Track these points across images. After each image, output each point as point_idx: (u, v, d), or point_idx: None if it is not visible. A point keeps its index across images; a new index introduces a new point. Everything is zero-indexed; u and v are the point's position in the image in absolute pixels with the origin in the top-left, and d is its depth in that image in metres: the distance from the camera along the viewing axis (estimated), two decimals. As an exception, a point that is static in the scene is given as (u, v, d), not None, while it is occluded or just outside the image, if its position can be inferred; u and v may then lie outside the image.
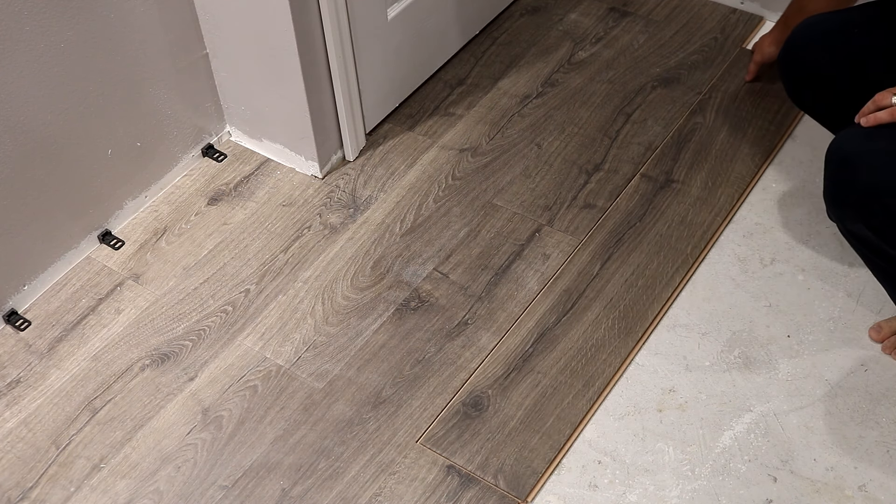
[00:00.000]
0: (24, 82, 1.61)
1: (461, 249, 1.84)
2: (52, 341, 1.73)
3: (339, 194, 1.95)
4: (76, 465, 1.57)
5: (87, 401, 1.65)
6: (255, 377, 1.66)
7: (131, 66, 1.79)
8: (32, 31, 1.59)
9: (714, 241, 1.82)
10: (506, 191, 1.94)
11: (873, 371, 1.61)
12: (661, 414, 1.59)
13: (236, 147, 2.06)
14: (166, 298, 1.79)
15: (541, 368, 1.65)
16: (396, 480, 1.53)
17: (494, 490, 1.51)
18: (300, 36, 1.76)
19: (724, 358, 1.65)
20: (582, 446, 1.55)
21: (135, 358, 1.70)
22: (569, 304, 1.74)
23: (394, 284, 1.79)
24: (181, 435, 1.59)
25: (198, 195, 1.97)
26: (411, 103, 2.13)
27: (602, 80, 2.15)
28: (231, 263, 1.84)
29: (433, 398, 1.62)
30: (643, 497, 1.49)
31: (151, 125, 1.89)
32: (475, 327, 1.72)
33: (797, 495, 1.48)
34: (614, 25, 2.28)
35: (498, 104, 2.12)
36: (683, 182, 1.93)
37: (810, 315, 1.70)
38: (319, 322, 1.74)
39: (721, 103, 2.08)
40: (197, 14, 1.85)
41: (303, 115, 1.88)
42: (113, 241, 1.88)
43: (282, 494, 1.52)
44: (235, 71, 1.92)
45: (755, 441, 1.54)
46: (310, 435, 1.59)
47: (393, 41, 2.00)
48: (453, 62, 2.22)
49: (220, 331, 1.73)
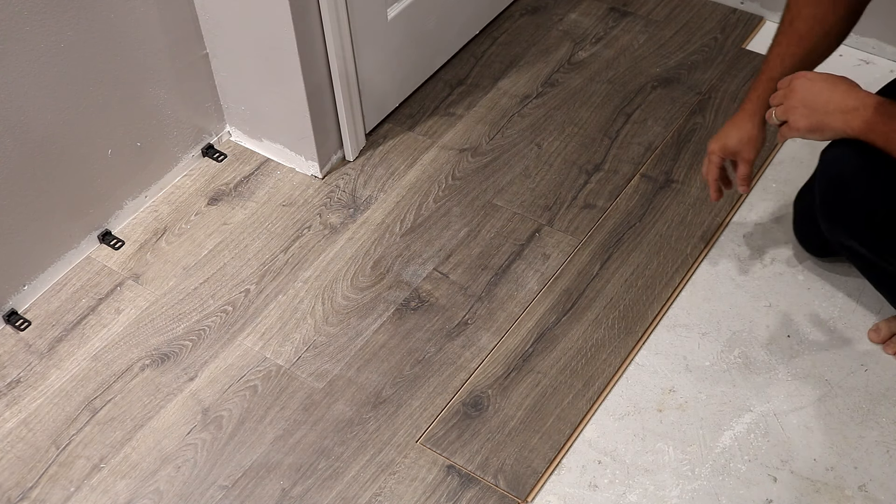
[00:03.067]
0: (24, 82, 1.61)
1: (461, 249, 1.84)
2: (52, 341, 1.73)
3: (339, 194, 1.95)
4: (76, 465, 1.57)
5: (87, 401, 1.65)
6: (255, 377, 1.66)
7: (131, 66, 1.79)
8: (32, 31, 1.59)
9: (714, 241, 1.82)
10: (506, 191, 1.94)
11: (873, 371, 1.61)
12: (661, 414, 1.59)
13: (236, 147, 2.06)
14: (166, 298, 1.79)
15: (541, 368, 1.65)
16: (396, 480, 1.53)
17: (494, 490, 1.51)
18: (300, 36, 1.76)
19: (724, 358, 1.65)
20: (582, 446, 1.55)
21: (135, 358, 1.70)
22: (569, 304, 1.74)
23: (394, 284, 1.79)
24: (181, 435, 1.59)
25: (198, 195, 1.97)
26: (411, 103, 2.13)
27: (602, 80, 2.15)
28: (231, 263, 1.84)
29: (433, 398, 1.62)
30: (643, 497, 1.49)
31: (151, 125, 1.89)
32: (475, 327, 1.72)
33: (797, 495, 1.48)
34: (614, 25, 2.28)
35: (498, 104, 2.12)
36: (683, 182, 1.93)
37: (810, 315, 1.70)
38: (319, 322, 1.74)
39: (721, 103, 2.08)
40: (197, 14, 1.85)
41: (303, 115, 1.88)
42: (113, 241, 1.88)
43: (282, 494, 1.52)
44: (235, 71, 1.92)
45: (755, 441, 1.54)
46: (310, 435, 1.59)
47: (393, 41, 2.00)
48: (453, 62, 2.22)
49: (220, 331, 1.73)
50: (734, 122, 1.64)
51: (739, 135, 1.63)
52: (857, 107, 1.40)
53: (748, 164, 1.64)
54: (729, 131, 1.64)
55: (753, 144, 1.62)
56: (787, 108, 1.47)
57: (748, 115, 1.62)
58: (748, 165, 1.64)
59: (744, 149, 1.63)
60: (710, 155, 1.67)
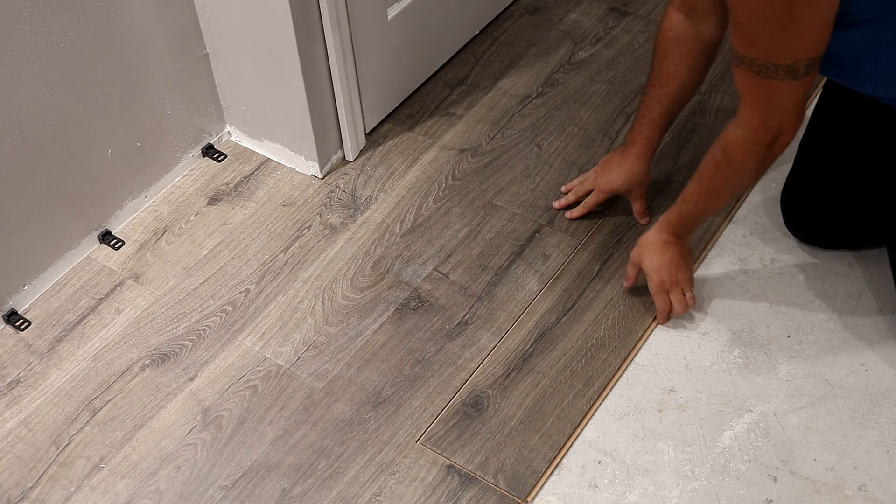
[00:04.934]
0: (24, 82, 1.61)
1: (461, 249, 1.84)
2: (52, 341, 1.73)
3: (339, 194, 1.95)
4: (76, 465, 1.57)
5: (87, 401, 1.65)
6: (255, 377, 1.66)
7: (131, 66, 1.79)
8: (32, 31, 1.59)
9: (714, 241, 1.82)
10: (506, 191, 1.94)
11: (873, 371, 1.61)
12: (661, 414, 1.59)
13: (236, 147, 2.06)
14: (166, 298, 1.79)
15: (541, 368, 1.65)
16: (396, 480, 1.53)
17: (494, 490, 1.51)
18: (300, 36, 1.76)
19: (724, 358, 1.65)
20: (582, 446, 1.55)
21: (135, 358, 1.70)
22: (569, 304, 1.74)
23: (394, 284, 1.79)
24: (181, 435, 1.59)
25: (198, 195, 1.97)
26: (411, 103, 2.13)
27: (602, 80, 2.15)
28: (231, 263, 1.84)
29: (433, 398, 1.62)
30: (643, 497, 1.49)
31: (151, 125, 1.89)
32: (475, 327, 1.72)
33: (797, 495, 1.48)
34: (614, 25, 2.28)
35: (498, 104, 2.12)
36: (683, 182, 1.91)
37: (810, 315, 1.70)
38: (319, 322, 1.74)
39: (721, 103, 2.08)
40: (197, 14, 1.85)
41: (303, 115, 1.88)
42: (113, 241, 1.88)
43: (282, 494, 1.52)
44: (235, 71, 1.92)
45: (755, 441, 1.54)
46: (310, 435, 1.59)
47: (393, 41, 2.00)
48: (453, 62, 2.22)
49: (220, 331, 1.73)
50: (620, 163, 1.79)
51: (628, 176, 1.79)
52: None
53: (643, 199, 1.83)
54: (617, 172, 1.79)
55: (643, 183, 1.81)
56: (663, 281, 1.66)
57: (635, 156, 1.77)
58: (643, 201, 1.83)
59: (635, 188, 1.81)
60: (598, 193, 1.82)
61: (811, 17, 1.29)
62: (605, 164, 1.82)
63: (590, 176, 1.86)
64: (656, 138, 1.76)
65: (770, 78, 1.35)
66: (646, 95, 1.73)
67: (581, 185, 1.86)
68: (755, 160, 1.48)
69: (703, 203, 1.59)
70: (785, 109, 1.40)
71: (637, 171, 1.78)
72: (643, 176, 1.79)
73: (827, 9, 1.29)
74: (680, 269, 1.65)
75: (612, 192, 1.82)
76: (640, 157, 1.77)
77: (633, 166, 1.78)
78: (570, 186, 1.89)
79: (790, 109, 1.41)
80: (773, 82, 1.36)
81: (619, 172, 1.79)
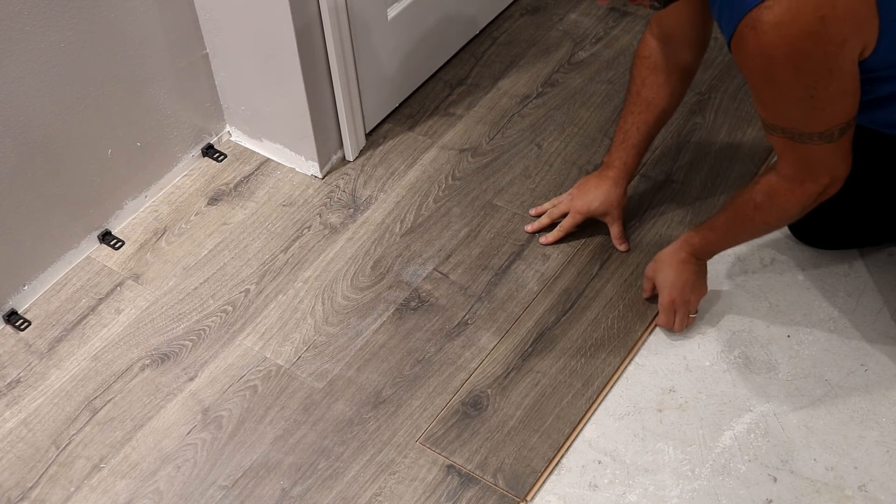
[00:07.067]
0: (24, 82, 1.61)
1: (461, 249, 1.84)
2: (52, 341, 1.73)
3: (339, 194, 1.95)
4: (76, 465, 1.57)
5: (87, 401, 1.65)
6: (255, 377, 1.66)
7: (131, 66, 1.79)
8: (32, 31, 1.59)
9: (714, 241, 1.82)
10: (506, 191, 1.94)
11: (873, 371, 1.61)
12: (661, 414, 1.59)
13: (236, 147, 2.06)
14: (166, 298, 1.79)
15: (540, 368, 1.65)
16: (396, 480, 1.53)
17: (494, 489, 1.51)
18: (300, 36, 1.76)
19: (724, 358, 1.65)
20: (582, 446, 1.55)
21: (135, 358, 1.70)
22: (568, 303, 1.74)
23: (394, 284, 1.79)
24: (181, 435, 1.59)
25: (198, 195, 1.97)
26: (411, 103, 2.13)
27: (602, 80, 2.15)
28: (231, 263, 1.84)
29: (433, 398, 1.62)
30: (643, 497, 1.49)
31: (151, 125, 1.89)
32: (475, 327, 1.72)
33: (797, 495, 1.48)
34: (614, 25, 2.28)
35: (498, 104, 2.12)
36: (683, 182, 1.93)
37: (810, 315, 1.70)
38: (319, 322, 1.74)
39: (721, 103, 2.08)
40: (197, 14, 1.85)
41: (303, 115, 1.88)
42: (113, 241, 1.88)
43: (282, 494, 1.52)
44: (235, 71, 1.92)
45: (755, 441, 1.54)
46: (310, 435, 1.59)
47: (393, 41, 2.00)
48: (453, 62, 2.22)
49: (220, 331, 1.73)
50: (597, 185, 1.77)
51: (605, 197, 1.77)
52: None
53: (620, 222, 1.79)
54: (594, 194, 1.77)
55: (620, 205, 1.78)
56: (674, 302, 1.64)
57: (612, 180, 1.76)
58: (620, 224, 1.80)
59: (612, 212, 1.78)
60: (575, 215, 1.79)
61: (835, 92, 1.29)
62: (581, 186, 1.80)
63: (563, 199, 1.83)
64: (635, 164, 1.75)
65: (806, 143, 1.35)
66: (623, 120, 1.72)
67: (555, 207, 1.83)
68: (800, 208, 1.46)
69: (731, 235, 1.58)
70: (830, 165, 1.39)
71: (614, 194, 1.76)
72: (620, 198, 1.77)
73: (849, 81, 1.29)
74: (694, 291, 1.63)
75: (589, 215, 1.79)
76: (617, 182, 1.76)
77: (610, 189, 1.76)
78: (541, 209, 1.86)
79: (836, 165, 1.39)
80: (810, 146, 1.35)
81: (596, 194, 1.77)
